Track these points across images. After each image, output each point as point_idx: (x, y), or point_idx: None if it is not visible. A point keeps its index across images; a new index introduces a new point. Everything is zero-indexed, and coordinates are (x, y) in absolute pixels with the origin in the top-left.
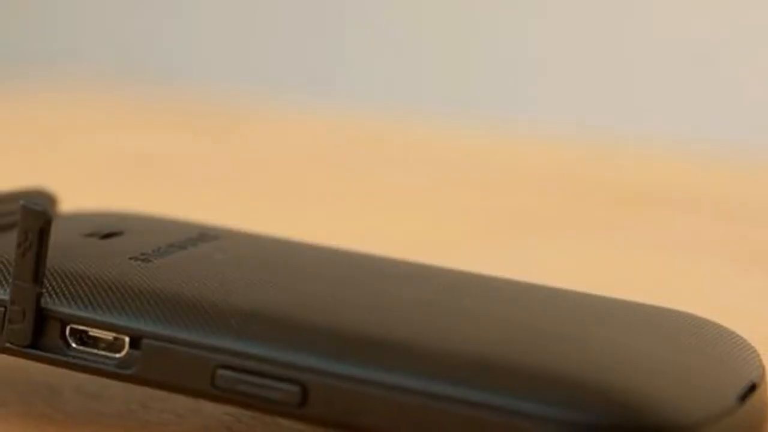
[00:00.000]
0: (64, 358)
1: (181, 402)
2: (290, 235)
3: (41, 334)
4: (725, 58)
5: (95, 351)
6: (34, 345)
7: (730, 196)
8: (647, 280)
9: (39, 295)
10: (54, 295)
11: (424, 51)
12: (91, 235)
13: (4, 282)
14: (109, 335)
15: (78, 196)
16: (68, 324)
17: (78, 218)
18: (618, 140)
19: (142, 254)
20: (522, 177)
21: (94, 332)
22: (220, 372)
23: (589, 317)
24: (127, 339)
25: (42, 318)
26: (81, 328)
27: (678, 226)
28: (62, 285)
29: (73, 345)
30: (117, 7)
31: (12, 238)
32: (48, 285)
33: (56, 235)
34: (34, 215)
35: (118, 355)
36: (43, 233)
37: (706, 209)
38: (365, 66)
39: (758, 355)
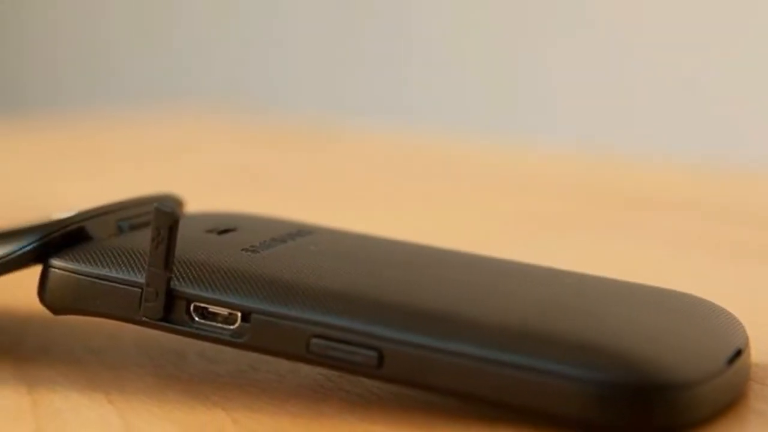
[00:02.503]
0: (189, 330)
1: (282, 364)
2: (368, 230)
3: (170, 310)
4: (710, 89)
5: (214, 324)
6: (164, 319)
7: (716, 200)
8: (648, 268)
9: (169, 279)
10: (181, 279)
11: (468, 85)
12: (210, 231)
13: (141, 268)
14: (224, 311)
15: (199, 200)
16: (192, 302)
17: (200, 217)
18: (624, 155)
19: (252, 246)
20: (545, 185)
21: (213, 309)
22: (314, 340)
23: (605, 296)
24: (239, 314)
25: (171, 297)
26: (202, 305)
27: (673, 225)
28: (187, 271)
29: (196, 319)
30: (227, 49)
31: (147, 233)
32: (176, 271)
33: (182, 232)
34: (165, 215)
35: (232, 327)
36: (172, 230)
37: (696, 211)
38: (424, 97)
39: (743, 327)
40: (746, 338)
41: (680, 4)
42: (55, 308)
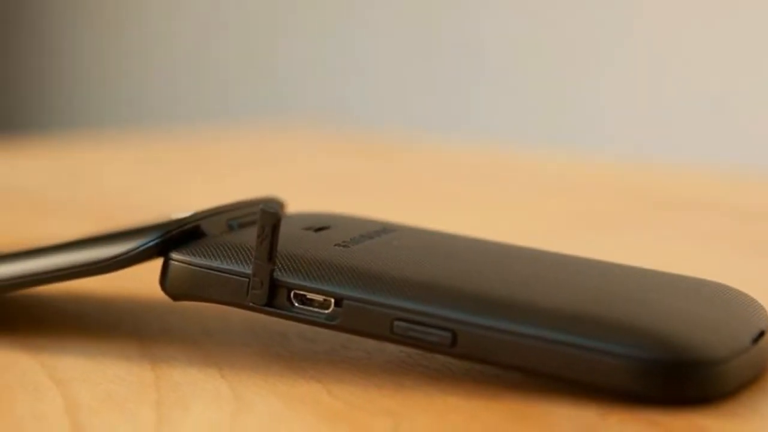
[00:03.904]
0: (290, 313)
1: (370, 344)
2: (440, 228)
3: (274, 297)
4: (732, 105)
5: (311, 308)
6: (268, 304)
7: (739, 201)
8: (680, 260)
9: (272, 270)
10: (283, 270)
11: (525, 104)
12: (307, 228)
13: (248, 261)
14: (320, 297)
15: (298, 202)
16: (292, 290)
17: (299, 217)
18: (657, 162)
19: (343, 242)
20: (589, 188)
21: (310, 295)
22: (396, 323)
23: (643, 284)
24: (333, 300)
25: (274, 286)
26: (301, 292)
27: (701, 223)
28: (288, 263)
29: (296, 304)
30: (323, 72)
31: (253, 231)
32: (278, 263)
33: (284, 229)
34: (269, 215)
35: (326, 311)
36: (276, 228)
37: (721, 211)
38: (487, 113)
39: (765, 311)
40: None
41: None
42: (175, 295)
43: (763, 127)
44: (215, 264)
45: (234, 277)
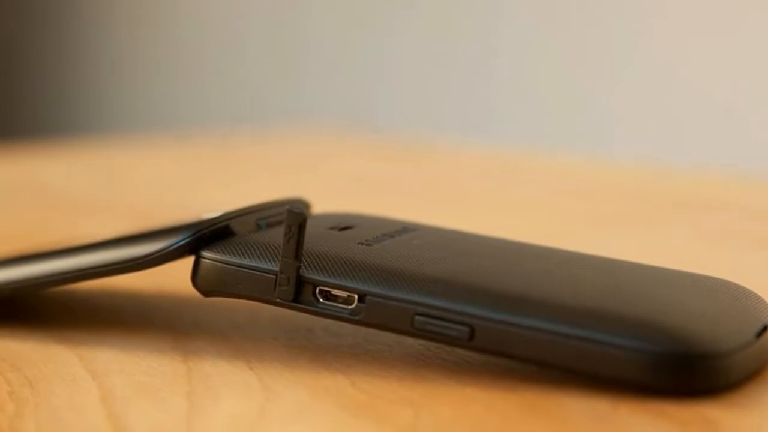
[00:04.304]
0: (315, 309)
1: (391, 337)
2: (458, 227)
3: (300, 293)
4: (741, 111)
5: (335, 304)
6: (295, 300)
7: (747, 202)
8: (690, 258)
9: (299, 268)
10: (308, 267)
11: (543, 108)
12: (332, 228)
13: (275, 259)
14: (344, 294)
15: (324, 203)
16: (318, 286)
17: (324, 217)
18: (670, 164)
19: (366, 241)
20: (604, 189)
21: (334, 292)
22: (417, 318)
23: (654, 281)
24: (356, 296)
25: (300, 282)
26: (326, 289)
27: (711, 223)
28: (314, 261)
29: (321, 300)
30: (350, 79)
31: (280, 230)
32: (304, 261)
33: (309, 229)
34: (295, 215)
35: (350, 307)
36: (302, 227)
37: (730, 211)
38: (505, 117)
39: None
40: None
41: (712, 46)
42: (205, 291)
43: None
44: (244, 261)
45: (262, 274)
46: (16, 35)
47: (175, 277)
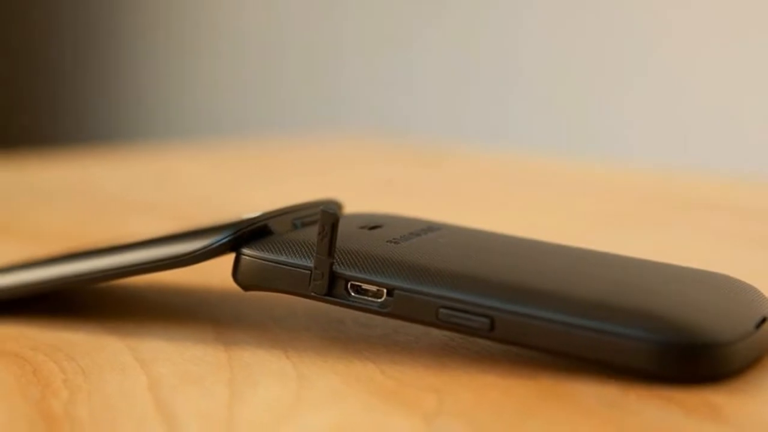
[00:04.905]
0: (347, 302)
1: (417, 329)
2: (480, 226)
3: (333, 287)
4: (744, 117)
5: (365, 297)
6: (328, 294)
7: (749, 203)
8: (696, 255)
9: (332, 264)
10: (341, 264)
11: (558, 114)
12: (362, 227)
13: (310, 256)
14: (374, 288)
15: (355, 204)
16: (349, 281)
17: (355, 217)
18: (676, 167)
19: (394, 239)
20: (613, 190)
21: (365, 286)
22: (441, 310)
23: (661, 276)
24: (385, 290)
25: (333, 277)
26: (357, 283)
27: (715, 222)
28: (346, 257)
29: (352, 294)
30: (377, 87)
31: (314, 229)
32: (337, 257)
33: (342, 228)
34: (328, 215)
35: (379, 300)
36: (334, 226)
37: (733, 211)
38: (521, 122)
39: (767, 299)
40: None
41: (718, 55)
42: (245, 286)
43: None
44: (281, 258)
45: (298, 270)
46: (80, 54)
47: (218, 274)
